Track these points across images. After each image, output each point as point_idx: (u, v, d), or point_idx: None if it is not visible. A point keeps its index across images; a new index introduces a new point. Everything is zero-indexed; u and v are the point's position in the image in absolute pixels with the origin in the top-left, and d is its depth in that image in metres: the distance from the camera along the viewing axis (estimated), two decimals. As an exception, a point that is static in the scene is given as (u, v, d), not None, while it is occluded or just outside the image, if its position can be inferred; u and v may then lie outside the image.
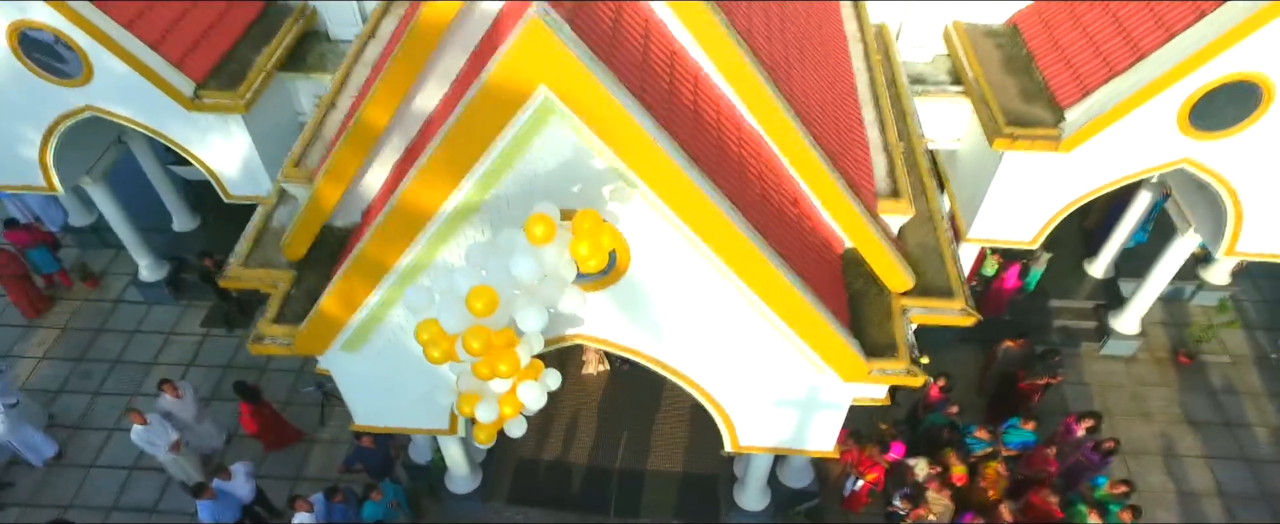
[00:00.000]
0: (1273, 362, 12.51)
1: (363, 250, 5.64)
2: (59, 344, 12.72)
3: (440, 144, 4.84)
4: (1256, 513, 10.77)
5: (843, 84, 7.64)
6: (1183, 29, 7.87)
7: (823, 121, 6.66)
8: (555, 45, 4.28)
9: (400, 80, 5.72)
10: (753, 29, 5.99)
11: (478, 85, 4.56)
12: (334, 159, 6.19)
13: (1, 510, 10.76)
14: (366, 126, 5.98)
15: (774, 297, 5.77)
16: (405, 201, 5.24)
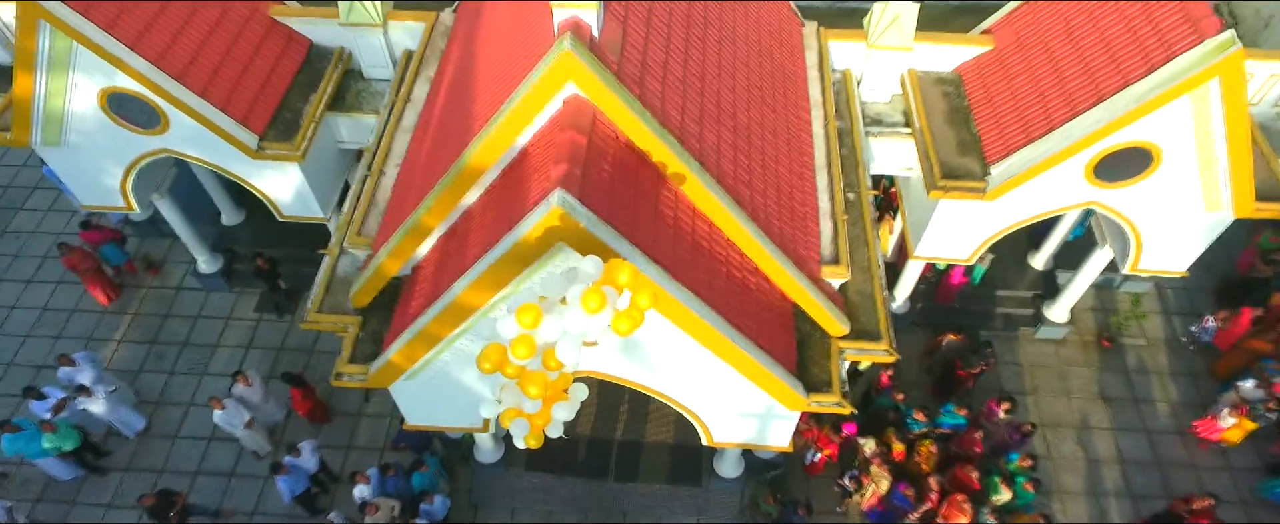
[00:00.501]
0: (1182, 344, 14.52)
1: (424, 328, 7.55)
2: (133, 328, 14.75)
3: (486, 271, 6.68)
4: (1149, 478, 13.02)
5: (802, 156, 9.34)
6: (1085, 109, 9.50)
7: (778, 205, 8.42)
8: (573, 225, 6.04)
9: (450, 200, 7.47)
10: (721, 152, 7.70)
11: (513, 239, 6.36)
12: (397, 246, 8.01)
13: (105, 474, 13.02)
14: (423, 227, 7.77)
15: (736, 360, 7.71)
16: (458, 301, 7.10)
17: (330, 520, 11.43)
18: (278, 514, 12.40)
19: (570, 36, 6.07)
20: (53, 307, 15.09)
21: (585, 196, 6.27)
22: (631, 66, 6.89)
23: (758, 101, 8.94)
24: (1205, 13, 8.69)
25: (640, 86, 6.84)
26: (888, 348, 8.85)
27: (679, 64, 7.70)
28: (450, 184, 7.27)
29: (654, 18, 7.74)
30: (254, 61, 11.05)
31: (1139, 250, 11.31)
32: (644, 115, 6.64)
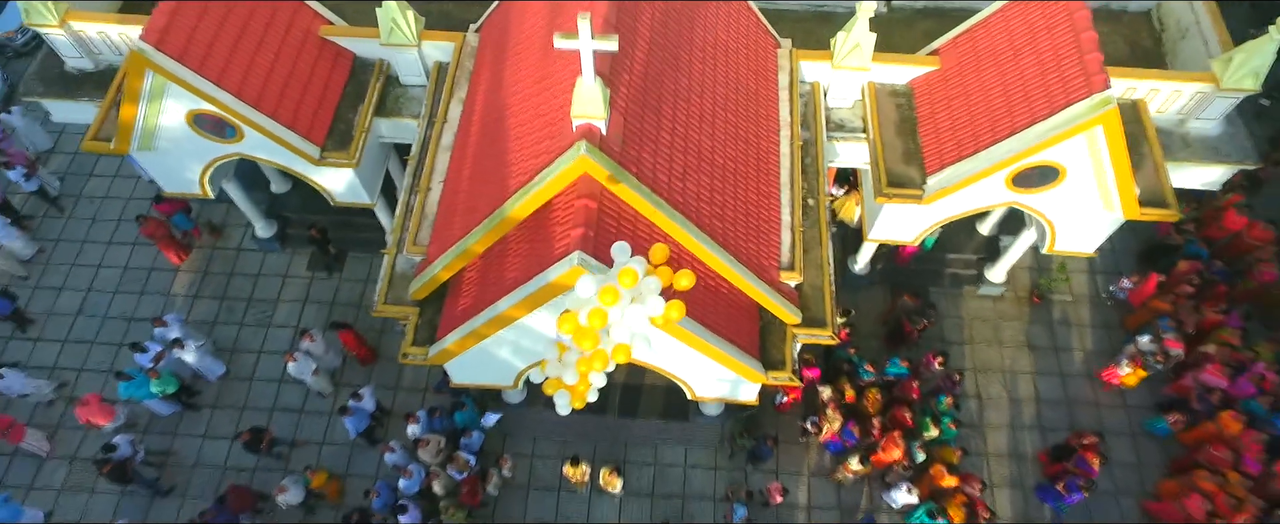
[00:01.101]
0: (1102, 300, 17.08)
1: (476, 328, 10.07)
2: (204, 285, 17.31)
3: (524, 298, 9.13)
4: (1059, 414, 15.85)
5: (769, 179, 11.58)
6: (1006, 136, 11.66)
7: (745, 226, 10.77)
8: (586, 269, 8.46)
9: (494, 236, 9.82)
10: (698, 197, 9.98)
11: (543, 281, 8.79)
12: (450, 262, 10.42)
13: (198, 411, 15.88)
14: (471, 253, 10.16)
15: (710, 352, 10.27)
16: (503, 313, 9.59)
17: (391, 446, 14.36)
18: (345, 444, 15.33)
19: (585, 144, 8.30)
20: (133, 266, 17.59)
21: (597, 250, 8.65)
22: (631, 148, 9.10)
23: (733, 138, 11.13)
24: (1096, 70, 10.75)
25: (636, 163, 9.08)
26: (831, 333, 11.41)
27: (667, 132, 9.87)
28: (494, 226, 9.61)
29: (648, 89, 9.86)
30: (311, 80, 13.10)
31: (1053, 237, 13.69)
32: (638, 187, 8.92)
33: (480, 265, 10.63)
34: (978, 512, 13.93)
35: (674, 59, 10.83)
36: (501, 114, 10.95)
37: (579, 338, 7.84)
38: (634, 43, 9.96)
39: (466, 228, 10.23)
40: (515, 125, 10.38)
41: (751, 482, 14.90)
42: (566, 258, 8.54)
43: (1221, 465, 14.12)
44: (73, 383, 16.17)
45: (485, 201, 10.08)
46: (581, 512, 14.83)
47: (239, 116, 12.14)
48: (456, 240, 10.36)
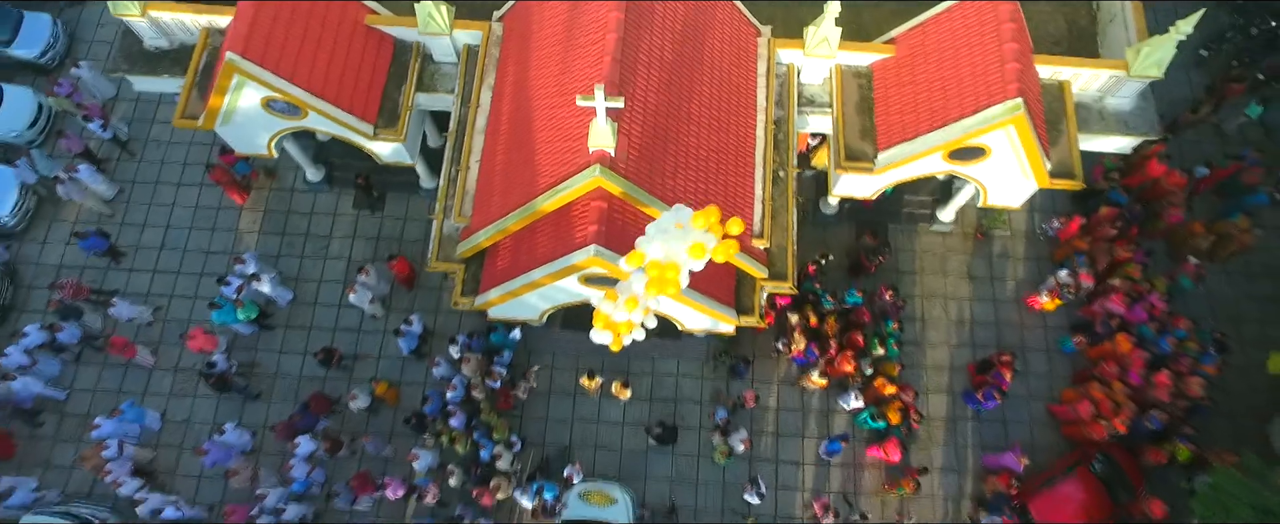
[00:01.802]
0: (1037, 236, 20.03)
1: (514, 289, 13.14)
2: (266, 222, 20.22)
3: (552, 273, 12.14)
4: (988, 334, 19.15)
5: (746, 160, 14.29)
6: (942, 125, 14.28)
7: (724, 203, 13.61)
8: (602, 260, 11.43)
9: (527, 221, 12.69)
10: (685, 187, 12.74)
11: (567, 262, 11.76)
12: (491, 236, 13.34)
13: (273, 330, 19.19)
14: (507, 232, 13.07)
15: (697, 307, 13.39)
16: (536, 281, 12.64)
17: (437, 361, 17.75)
18: (398, 358, 18.73)
19: (599, 167, 11.06)
20: (202, 205, 20.43)
21: (608, 241, 11.59)
22: (633, 163, 11.82)
23: (716, 129, 13.76)
24: (1012, 79, 13.29)
25: (637, 174, 11.83)
26: (791, 286, 14.50)
27: (661, 139, 12.52)
28: (528, 215, 12.48)
29: (648, 114, 12.44)
30: (362, 65, 15.54)
31: (985, 195, 16.51)
32: (637, 191, 11.73)
33: (514, 238, 13.56)
34: (910, 414, 17.51)
35: (671, 75, 13.33)
36: (527, 115, 13.56)
37: (650, 270, 10.56)
38: (635, 70, 12.46)
39: (504, 210, 13.10)
40: (540, 130, 13.03)
41: (731, 389, 18.41)
42: (585, 248, 11.48)
43: (1110, 377, 17.55)
44: (166, 307, 19.41)
45: (518, 191, 12.90)
46: (593, 412, 18.43)
47: (305, 104, 14.70)
48: (495, 219, 13.26)
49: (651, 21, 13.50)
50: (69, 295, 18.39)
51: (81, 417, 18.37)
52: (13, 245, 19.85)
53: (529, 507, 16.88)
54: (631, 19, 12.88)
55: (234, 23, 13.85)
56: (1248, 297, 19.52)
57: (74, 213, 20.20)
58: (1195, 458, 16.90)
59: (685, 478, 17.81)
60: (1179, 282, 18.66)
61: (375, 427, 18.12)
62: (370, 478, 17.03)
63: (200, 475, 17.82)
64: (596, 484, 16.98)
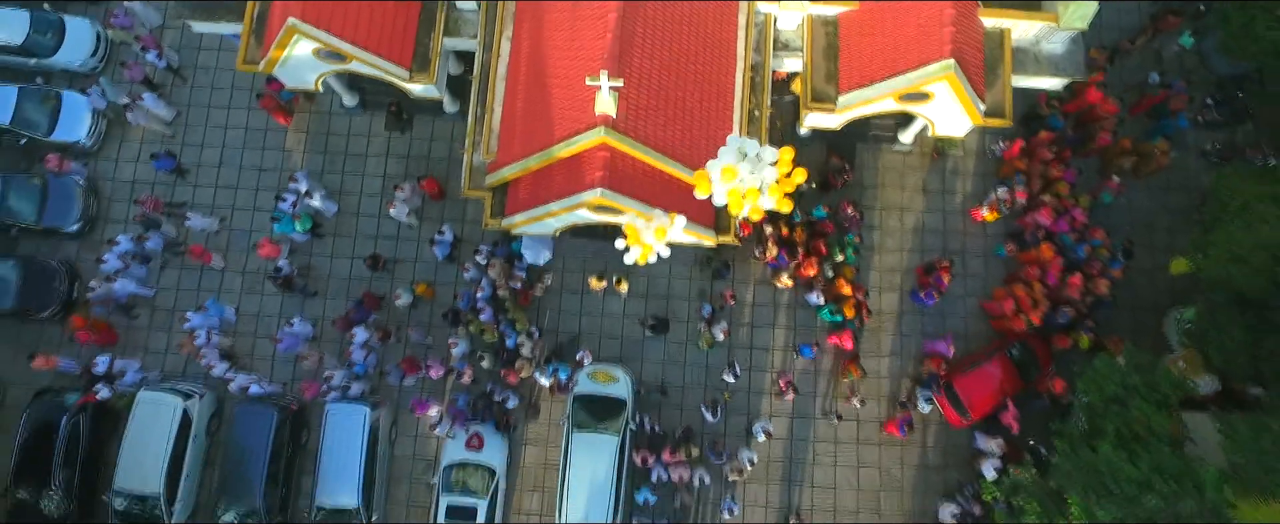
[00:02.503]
0: (987, 154, 22.92)
1: (534, 216, 16.32)
2: (309, 143, 23.09)
3: (566, 206, 15.30)
4: (935, 240, 22.43)
5: (725, 106, 17.08)
6: (893, 74, 16.99)
7: (706, 144, 16.55)
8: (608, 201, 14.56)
9: (545, 163, 15.68)
10: (675, 137, 15.63)
11: (578, 200, 14.89)
12: (515, 172, 16.37)
13: (323, 238, 22.47)
14: (528, 170, 16.08)
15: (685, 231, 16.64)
16: (551, 211, 15.81)
17: (467, 266, 21.17)
18: (432, 262, 22.09)
19: (604, 128, 13.96)
20: (252, 126, 23.22)
21: (612, 184, 14.67)
22: (632, 120, 14.69)
23: (700, 82, 16.48)
24: (948, 41, 15.91)
25: (634, 130, 14.72)
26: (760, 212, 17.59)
27: (655, 97, 15.30)
28: (546, 160, 15.47)
29: (644, 77, 15.14)
30: (397, 16, 18.04)
31: (933, 127, 19.38)
32: (634, 144, 14.68)
33: (534, 174, 16.60)
34: (862, 310, 21.08)
35: (664, 38, 15.92)
36: (542, 68, 16.26)
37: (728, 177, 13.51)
38: (634, 41, 15.07)
39: (525, 152, 16.08)
40: (554, 83, 15.79)
41: (715, 288, 21.91)
42: (593, 190, 14.58)
43: (1032, 279, 20.98)
44: (229, 217, 22.60)
45: (537, 137, 15.83)
46: (598, 307, 22.02)
47: (351, 55, 17.35)
48: (517, 158, 16.27)
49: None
50: (150, 209, 21.57)
51: (168, 310, 21.99)
52: (90, 164, 22.81)
53: (546, 384, 20.76)
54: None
55: (291, -13, 16.32)
56: (1162, 207, 22.66)
57: (139, 135, 23.03)
58: (1094, 345, 20.59)
59: (674, 361, 21.62)
60: (1101, 198, 21.76)
61: (417, 319, 21.75)
62: (416, 361, 20.84)
63: (274, 358, 21.60)
64: (602, 366, 20.79)
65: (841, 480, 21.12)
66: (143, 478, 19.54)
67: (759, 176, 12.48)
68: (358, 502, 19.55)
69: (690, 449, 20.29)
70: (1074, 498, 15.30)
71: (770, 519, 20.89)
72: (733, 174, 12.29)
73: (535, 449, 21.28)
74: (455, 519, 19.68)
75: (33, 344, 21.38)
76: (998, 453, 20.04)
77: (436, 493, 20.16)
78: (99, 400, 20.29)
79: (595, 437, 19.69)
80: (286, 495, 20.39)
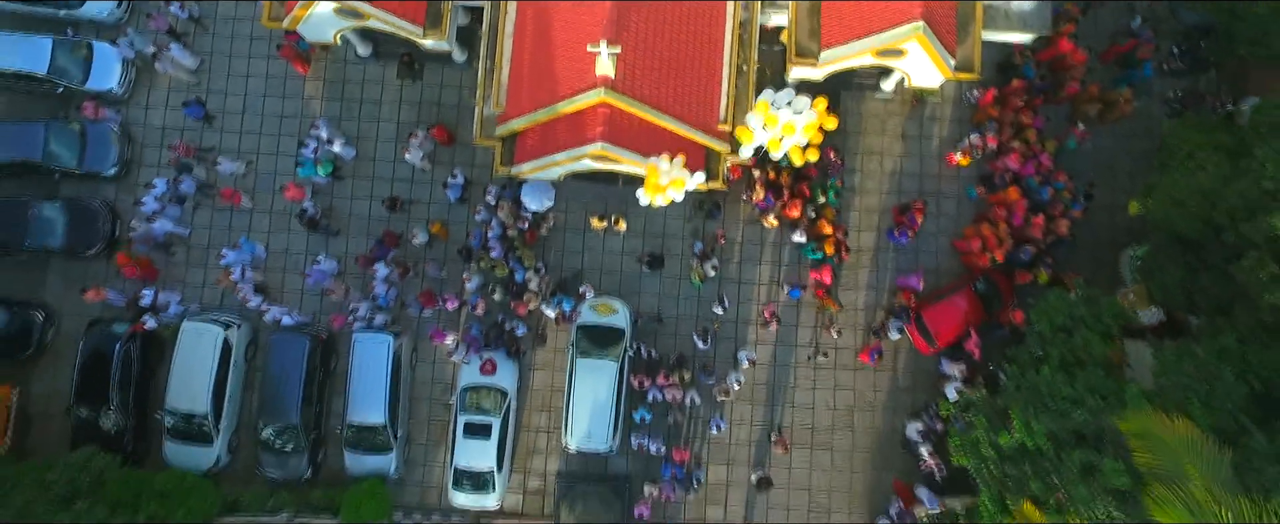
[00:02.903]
0: (964, 101, 24.42)
1: (541, 164, 18.07)
2: (326, 91, 24.59)
3: (570, 156, 17.04)
4: (913, 182, 24.17)
5: (715, 62, 18.60)
6: (870, 33, 18.47)
7: (697, 99, 18.19)
8: (609, 153, 16.30)
9: (549, 118, 17.33)
10: (667, 92, 17.22)
11: (581, 151, 16.63)
12: (522, 125, 18.03)
13: (344, 180, 24.21)
14: (535, 122, 17.73)
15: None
16: (555, 160, 17.56)
17: (478, 208, 23.00)
18: (445, 203, 23.89)
19: (603, 89, 15.56)
20: (272, 74, 24.67)
21: (611, 138, 16.38)
22: (629, 80, 16.28)
23: (692, 40, 17.97)
24: (918, 7, 17.32)
25: (631, 88, 16.32)
26: (745, 160, 19.35)
27: (649, 56, 16.82)
28: (552, 115, 17.13)
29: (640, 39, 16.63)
30: (410, -25, 19.40)
31: (909, 80, 20.93)
32: (632, 102, 16.31)
33: (541, 126, 18.26)
34: (842, 248, 22.99)
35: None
36: (547, 27, 17.75)
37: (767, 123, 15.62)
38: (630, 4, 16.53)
39: (532, 106, 17.75)
40: (558, 43, 17.32)
41: (707, 227, 23.76)
42: (595, 143, 16.31)
43: (999, 219, 22.81)
44: (255, 161, 24.29)
45: (544, 92, 17.47)
46: (599, 245, 23.93)
47: (369, 14, 18.82)
48: (525, 111, 17.94)
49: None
50: (182, 154, 23.28)
51: (203, 248, 23.93)
52: (123, 111, 24.37)
53: (552, 315, 22.86)
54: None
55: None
56: (1125, 152, 24.31)
57: (166, 83, 24.52)
58: (1052, 280, 22.57)
59: (669, 294, 23.68)
60: (1066, 143, 23.40)
61: (433, 256, 23.71)
62: (433, 294, 22.92)
63: (303, 292, 23.65)
64: (602, 298, 22.85)
65: (819, 401, 23.46)
66: (191, 399, 21.84)
67: (796, 120, 14.44)
68: (384, 419, 21.89)
69: (683, 373, 22.52)
70: (1016, 413, 17.49)
71: (754, 435, 23.30)
72: (774, 121, 14.45)
73: (543, 373, 23.55)
74: (472, 435, 22.03)
75: (81, 279, 23.37)
76: (960, 377, 22.28)
77: (455, 412, 22.51)
78: (147, 330, 22.42)
79: (597, 362, 21.90)
80: (319, 414, 22.75)
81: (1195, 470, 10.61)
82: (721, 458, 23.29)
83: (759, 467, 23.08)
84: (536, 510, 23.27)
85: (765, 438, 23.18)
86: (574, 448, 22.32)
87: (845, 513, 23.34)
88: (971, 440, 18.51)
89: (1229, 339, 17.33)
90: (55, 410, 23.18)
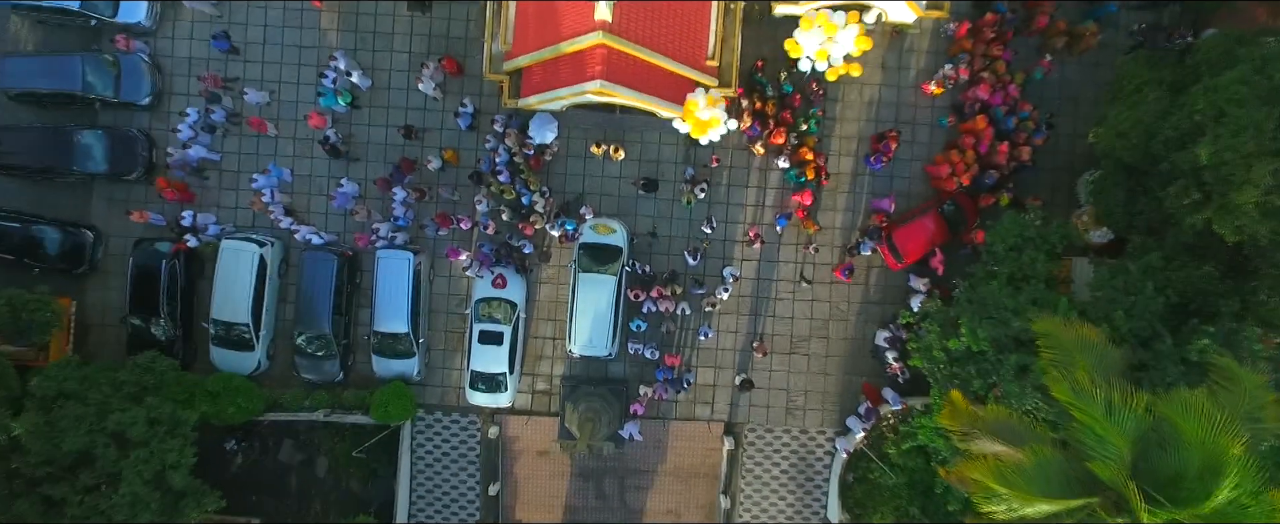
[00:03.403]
0: (940, 34, 25.99)
1: (546, 98, 19.99)
2: (341, 22, 26.11)
3: (571, 92, 18.97)
4: (890, 112, 26.00)
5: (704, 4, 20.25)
6: (844, -25, 20.07)
7: (686, 39, 19.96)
8: (608, 90, 18.24)
9: (552, 57, 19.12)
10: (661, 34, 18.95)
11: (583, 89, 18.55)
12: (527, 63, 19.84)
13: (361, 109, 26.07)
14: (540, 60, 19.53)
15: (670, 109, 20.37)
16: (559, 97, 19.48)
17: (487, 136, 24.96)
18: (456, 131, 25.80)
19: (601, 32, 17.32)
20: (288, 6, 26.15)
21: (609, 76, 18.26)
22: (623, 23, 18.00)
23: None
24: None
25: (626, 30, 18.06)
26: (732, 90, 21.20)
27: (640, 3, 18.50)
28: (555, 54, 18.92)
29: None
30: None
31: (885, 15, 22.54)
32: (627, 44, 18.09)
33: (545, 63, 20.06)
34: (821, 173, 25.05)
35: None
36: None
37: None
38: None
39: (537, 44, 19.54)
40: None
41: (698, 154, 25.73)
42: (594, 80, 18.20)
43: (966, 147, 24.78)
44: (278, 90, 26.06)
45: (548, 32, 19.22)
46: (599, 170, 25.97)
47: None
48: (531, 50, 19.73)
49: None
50: (211, 85, 25.05)
51: (234, 172, 26.00)
52: (151, 43, 25.97)
53: (556, 235, 25.13)
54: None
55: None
56: (1090, 81, 26.02)
57: (190, 16, 26.02)
58: (1013, 202, 24.72)
59: (663, 215, 25.89)
60: (1033, 74, 25.12)
61: (446, 180, 25.80)
62: (448, 215, 25.13)
63: (327, 214, 25.87)
64: (602, 219, 25.07)
65: (797, 312, 26.01)
66: (233, 310, 24.35)
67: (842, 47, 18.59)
68: (407, 328, 24.47)
69: (675, 287, 24.96)
70: (965, 321, 19.97)
71: (738, 343, 25.95)
72: (825, 55, 17.32)
73: (548, 287, 26.00)
74: (486, 342, 24.65)
75: (124, 202, 25.55)
76: (924, 291, 24.70)
77: (470, 321, 25.07)
78: (189, 248, 24.74)
79: (597, 277, 24.31)
80: (348, 323, 25.33)
81: (1083, 362, 12.99)
82: (709, 362, 26.01)
83: (742, 370, 25.83)
84: (544, 408, 26.16)
85: (748, 345, 25.81)
86: (577, 353, 24.98)
87: (819, 412, 26.24)
88: (926, 345, 21.07)
89: (1155, 257, 19.65)
90: (107, 321, 25.81)
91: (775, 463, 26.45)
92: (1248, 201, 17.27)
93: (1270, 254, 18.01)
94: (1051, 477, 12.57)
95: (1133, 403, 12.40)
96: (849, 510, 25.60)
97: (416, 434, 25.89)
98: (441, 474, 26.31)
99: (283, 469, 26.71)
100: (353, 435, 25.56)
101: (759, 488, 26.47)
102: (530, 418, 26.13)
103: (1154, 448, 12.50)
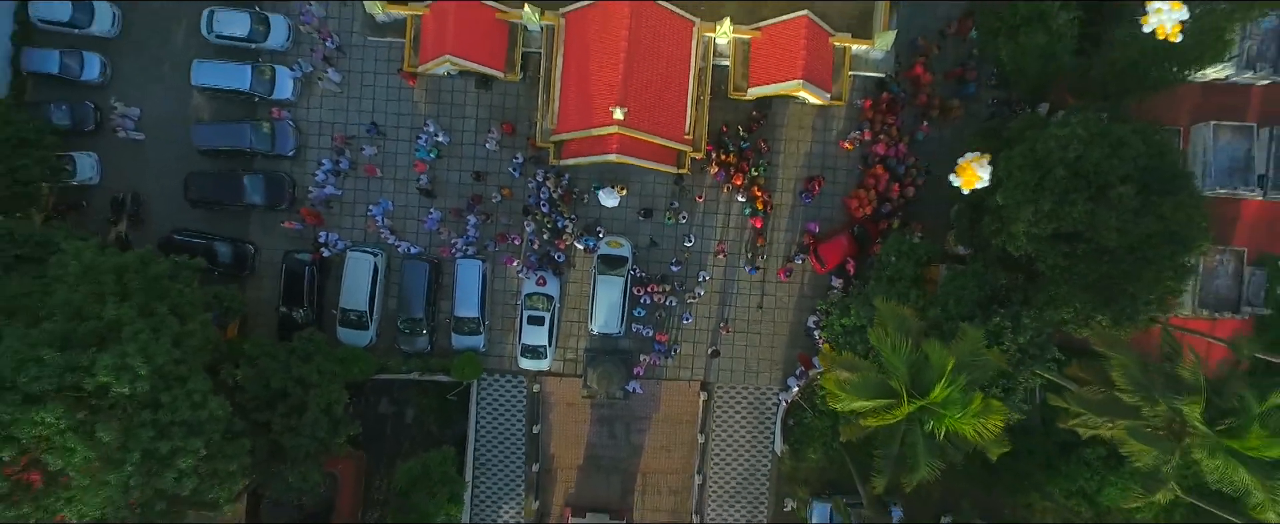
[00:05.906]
0: (854, 105, 36.18)
1: (579, 161, 30.24)
2: (426, 96, 36.30)
3: (593, 161, 29.21)
4: (817, 161, 36.22)
5: (681, 96, 30.48)
6: (775, 81, 30.34)
7: (669, 120, 30.23)
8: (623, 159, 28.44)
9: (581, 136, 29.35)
10: (657, 123, 29.13)
11: (605, 157, 28.79)
12: (568, 138, 30.08)
13: (443, 159, 36.23)
14: (575, 137, 29.74)
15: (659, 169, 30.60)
16: (589, 161, 29.74)
17: (531, 180, 35.16)
18: (511, 176, 35.94)
19: (617, 126, 27.50)
20: (390, 86, 36.30)
21: (623, 151, 28.49)
22: (632, 117, 28.24)
23: (669, 85, 29.78)
24: (800, 63, 29.19)
25: (633, 121, 28.25)
26: (703, 156, 31.46)
27: (646, 99, 28.62)
28: (586, 135, 29.14)
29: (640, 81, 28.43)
30: (497, 38, 31.11)
31: (809, 99, 32.81)
32: (634, 131, 28.29)
33: (578, 139, 30.26)
34: (768, 205, 35.25)
35: (650, 60, 29.11)
36: (584, 75, 29.54)
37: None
38: (634, 67, 28.29)
39: (575, 126, 29.79)
40: (591, 87, 29.12)
41: (679, 193, 35.89)
42: (611, 153, 28.43)
43: (871, 186, 34.96)
44: (381, 146, 36.17)
45: (582, 119, 29.41)
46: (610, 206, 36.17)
47: (470, 68, 30.62)
48: (571, 130, 30.03)
49: (641, 29, 28.91)
50: (338, 142, 35.30)
51: (350, 204, 36.16)
52: (295, 111, 36.12)
53: (582, 248, 35.41)
54: (633, 35, 28.41)
55: (432, 20, 29.33)
56: (958, 141, 36.10)
57: (319, 93, 36.16)
58: (902, 225, 34.93)
59: (657, 234, 36.10)
60: (916, 136, 35.36)
61: (503, 210, 36.02)
62: (504, 235, 35.40)
63: (418, 233, 36.08)
64: (613, 236, 35.36)
65: (752, 303, 36.24)
66: (356, 300, 34.60)
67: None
68: (478, 313, 34.74)
69: (665, 285, 35.21)
70: (853, 308, 30.19)
71: (711, 325, 36.21)
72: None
73: (576, 286, 36.29)
74: (532, 323, 34.87)
75: (274, 226, 35.71)
76: (840, 289, 34.92)
77: (520, 310, 35.30)
78: (323, 257, 34.95)
79: (610, 278, 34.59)
80: (435, 311, 35.56)
81: (890, 327, 23.21)
82: (689, 339, 36.29)
83: (713, 344, 36.07)
84: (572, 371, 36.42)
85: (717, 326, 36.05)
86: (596, 332, 35.24)
87: (768, 373, 36.50)
88: (830, 323, 31.30)
89: (978, 265, 29.94)
90: (262, 311, 35.94)
91: (737, 411, 36.69)
92: (1020, 231, 27.52)
93: (1036, 263, 28.28)
94: (869, 386, 22.80)
95: (908, 346, 22.62)
96: (789, 443, 35.78)
97: (482, 389, 36.07)
98: (499, 418, 36.52)
99: (381, 419, 36.90)
100: (435, 391, 35.70)
101: (726, 429, 36.64)
102: (562, 378, 36.37)
103: (923, 370, 22.70)
